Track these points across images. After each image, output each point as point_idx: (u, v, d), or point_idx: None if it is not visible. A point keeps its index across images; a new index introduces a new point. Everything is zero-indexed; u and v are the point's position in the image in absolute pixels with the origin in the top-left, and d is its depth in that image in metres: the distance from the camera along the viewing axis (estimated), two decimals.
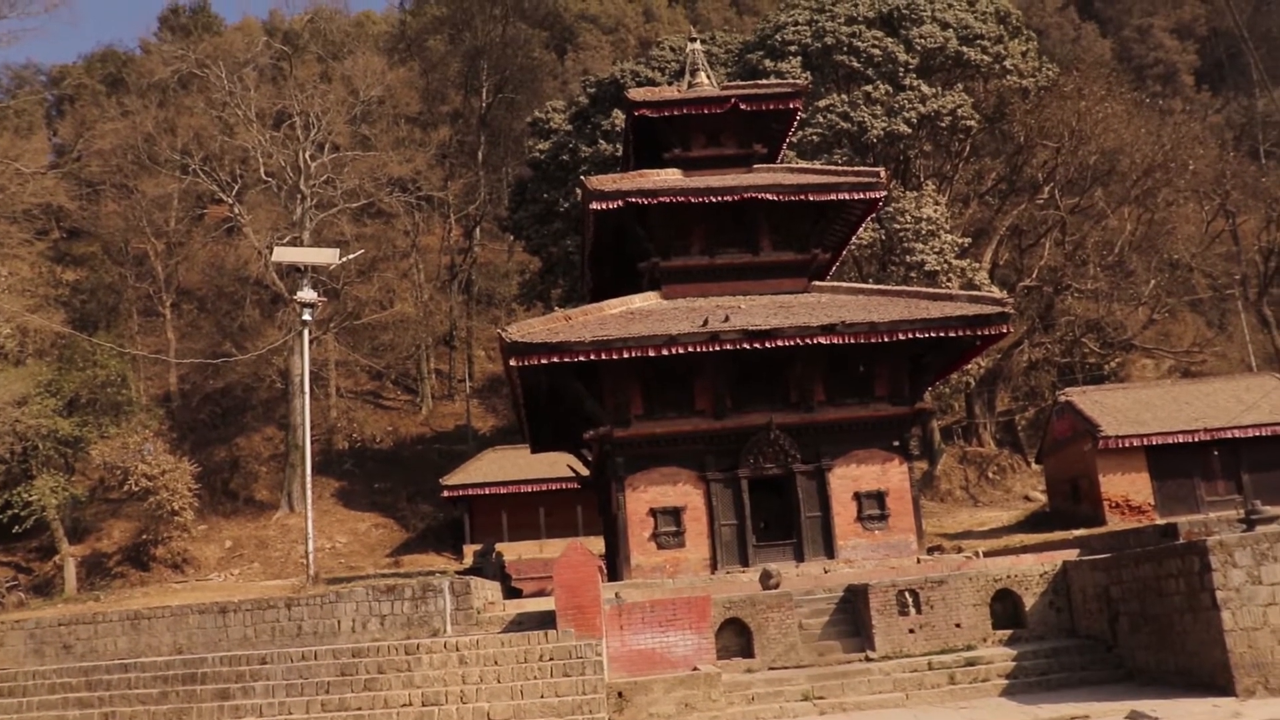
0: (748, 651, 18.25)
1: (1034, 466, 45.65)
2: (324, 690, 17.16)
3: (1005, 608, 18.70)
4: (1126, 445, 33.72)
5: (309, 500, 26.81)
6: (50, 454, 41.02)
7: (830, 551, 23.73)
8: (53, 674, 19.65)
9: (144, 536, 42.08)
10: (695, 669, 17.09)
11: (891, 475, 24.43)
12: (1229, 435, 33.69)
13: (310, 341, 30.23)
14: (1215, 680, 14.62)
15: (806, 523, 23.89)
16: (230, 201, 49.69)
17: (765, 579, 20.21)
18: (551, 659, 16.85)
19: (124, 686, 18.59)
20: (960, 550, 27.00)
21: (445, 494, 41.56)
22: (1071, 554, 20.88)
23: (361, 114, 52.91)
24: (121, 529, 44.49)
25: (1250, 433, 33.66)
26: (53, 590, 39.48)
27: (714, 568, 23.22)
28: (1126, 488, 33.82)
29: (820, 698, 16.78)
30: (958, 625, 18.34)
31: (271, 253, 34.52)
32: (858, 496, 24.16)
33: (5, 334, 40.85)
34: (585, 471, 31.18)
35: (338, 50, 66.24)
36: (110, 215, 56.73)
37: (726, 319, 23.10)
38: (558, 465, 36.69)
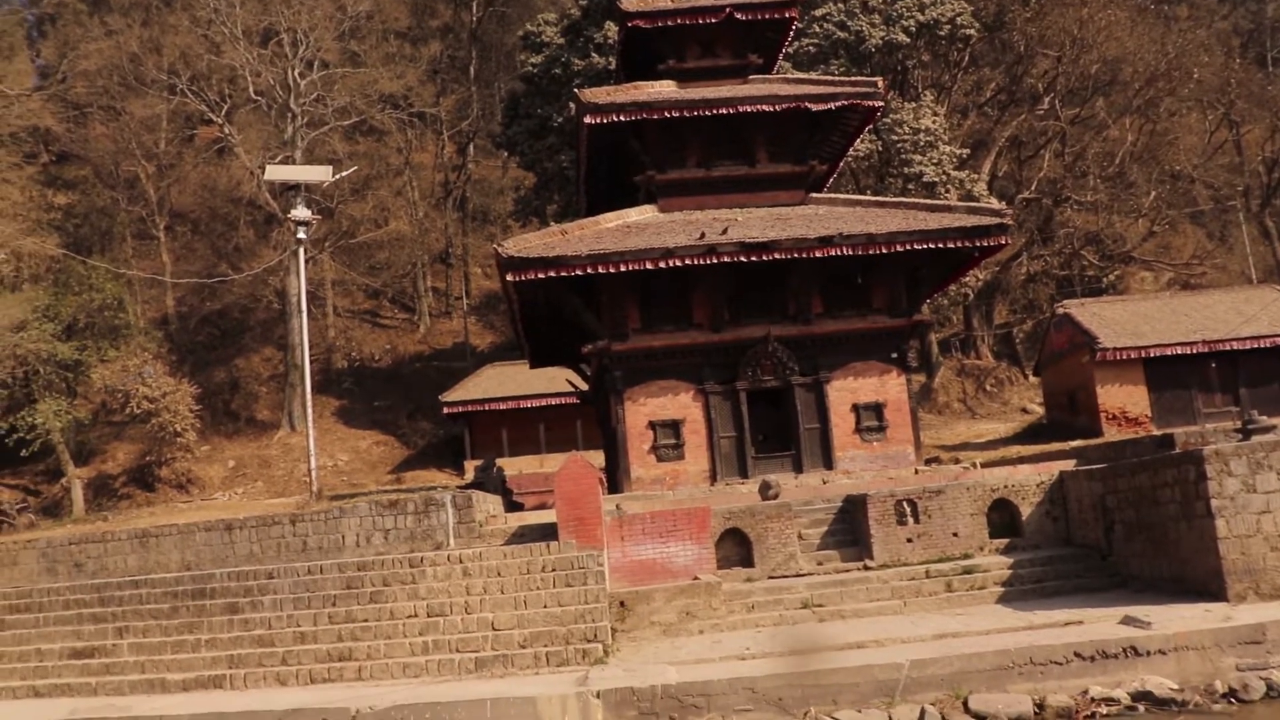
0: (748, 561, 18.49)
1: (1031, 379, 45.81)
2: (330, 603, 17.44)
3: (1002, 517, 18.93)
4: (1124, 357, 33.79)
5: (310, 419, 26.94)
6: (51, 378, 41.17)
7: (829, 463, 23.94)
8: (66, 590, 19.95)
9: (148, 458, 42.40)
10: (696, 579, 17.36)
11: (889, 387, 24.54)
12: (1227, 347, 33.70)
13: (306, 261, 30.11)
14: (1208, 587, 14.86)
15: (805, 435, 24.06)
16: (220, 121, 49.09)
17: (764, 490, 20.41)
18: (554, 570, 17.09)
19: (135, 602, 18.88)
20: (958, 461, 27.22)
21: (445, 411, 41.77)
22: (1068, 464, 21.06)
23: (350, 29, 51.95)
24: (126, 451, 44.80)
25: (1249, 345, 33.70)
26: (61, 512, 39.90)
27: (713, 480, 23.43)
28: (1124, 399, 33.97)
29: (819, 606, 17.04)
30: (955, 535, 18.57)
31: (264, 172, 34.16)
32: (856, 408, 24.29)
33: (0, 259, 40.65)
34: (584, 386, 31.30)
35: None
36: (99, 138, 56.01)
37: (724, 231, 23.01)
38: (557, 380, 36.84)
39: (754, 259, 22.74)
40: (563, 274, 22.36)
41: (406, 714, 13.09)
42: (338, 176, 31.28)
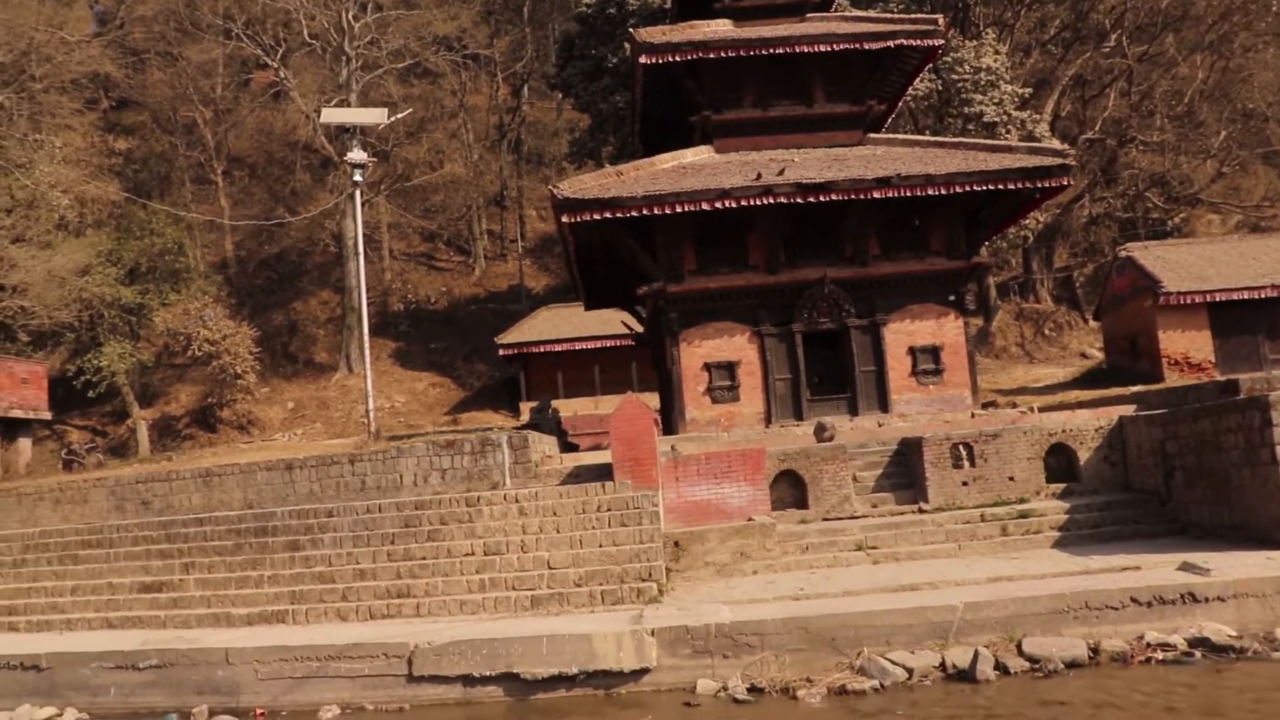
0: (802, 503, 18.50)
1: (1091, 323, 44.98)
2: (389, 541, 17.74)
3: (1059, 462, 18.73)
4: (1188, 302, 33.01)
5: (367, 361, 27.26)
6: (115, 322, 42.03)
7: (884, 406, 23.80)
8: (134, 527, 20.50)
9: (210, 400, 43.21)
10: (750, 520, 17.40)
11: (947, 330, 24.27)
12: None
13: (362, 204, 30.28)
14: (1270, 534, 14.63)
15: (861, 377, 23.92)
16: (275, 66, 49.26)
17: (820, 432, 20.36)
18: (609, 510, 17.21)
19: (200, 539, 19.36)
20: (1014, 406, 26.87)
21: (501, 353, 42.00)
22: (1128, 409, 20.74)
23: None
24: (188, 393, 45.67)
25: None
26: (127, 452, 40.85)
27: (768, 421, 23.41)
28: (1186, 345, 33.25)
29: (873, 548, 17.04)
30: (1011, 479, 18.42)
31: (319, 116, 34.29)
32: (912, 351, 24.09)
33: (64, 205, 41.32)
34: (639, 328, 31.31)
35: None
36: (157, 84, 56.52)
37: (781, 172, 22.76)
38: (612, 322, 36.88)
39: (810, 200, 22.48)
40: (618, 215, 22.27)
41: (464, 649, 13.32)
42: (393, 119, 31.29)
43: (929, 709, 11.04)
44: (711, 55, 24.05)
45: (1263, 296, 32.83)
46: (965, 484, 18.39)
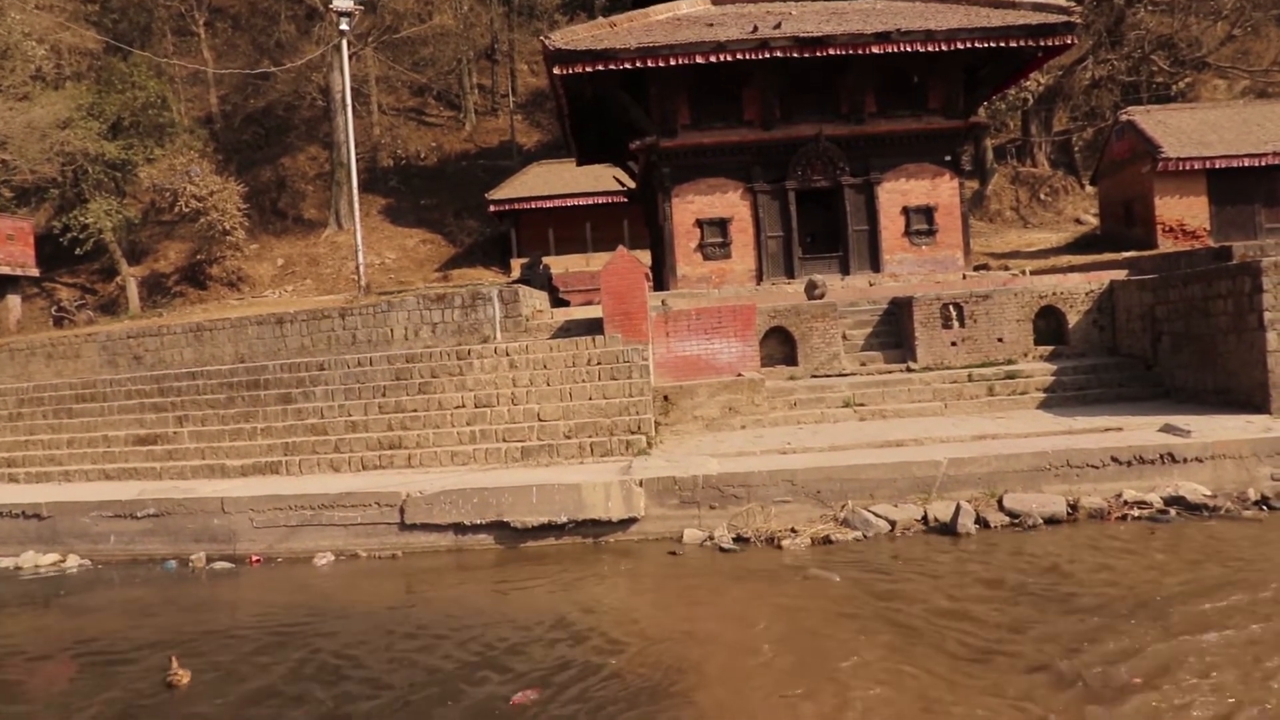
0: (791, 360, 18.61)
1: (1088, 189, 44.57)
2: (380, 394, 17.85)
3: (1048, 325, 18.81)
4: (1187, 168, 32.60)
5: (357, 217, 27.01)
6: (100, 177, 41.36)
7: (876, 265, 23.75)
8: (127, 382, 20.58)
9: (199, 257, 42.89)
10: (739, 375, 17.51)
11: (941, 190, 24.07)
12: None
13: (349, 55, 29.52)
14: (1252, 399, 14.77)
15: (853, 236, 23.81)
16: None
17: (811, 289, 20.35)
18: (599, 363, 17.28)
19: (193, 393, 19.47)
20: (1006, 269, 26.84)
21: (491, 209, 41.58)
22: (1119, 274, 20.73)
23: None
24: (177, 250, 45.32)
25: None
26: (117, 309, 40.74)
27: (759, 279, 23.38)
28: (1182, 211, 32.99)
29: (861, 405, 17.21)
30: (1000, 340, 18.52)
31: None
32: (906, 211, 23.93)
33: (40, 55, 40.23)
34: (632, 184, 31.00)
35: None
36: None
37: (777, 25, 22.20)
38: (604, 179, 36.45)
39: (808, 54, 21.98)
40: (610, 67, 21.79)
41: (455, 498, 13.52)
42: None
43: (909, 559, 11.29)
44: None
45: (1264, 164, 32.42)
46: (954, 344, 18.48)
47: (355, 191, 27.67)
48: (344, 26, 26.84)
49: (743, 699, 7.75)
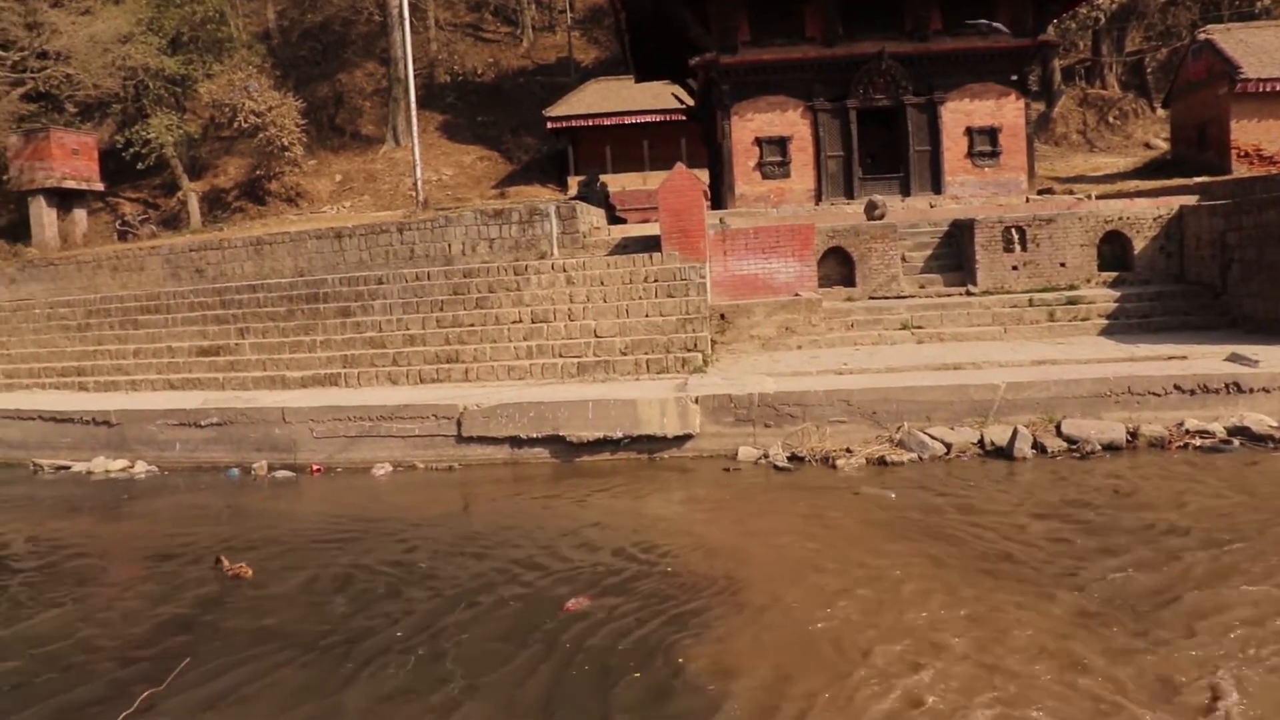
0: (849, 281, 18.42)
1: (1159, 112, 43.16)
2: (438, 308, 17.99)
3: (1114, 250, 18.38)
4: (1267, 89, 31.33)
5: (415, 133, 26.98)
6: (160, 93, 41.67)
7: (937, 187, 23.35)
8: (190, 294, 20.93)
9: (257, 172, 43.16)
10: (796, 295, 17.39)
11: (1006, 111, 23.51)
12: None
13: None
14: None
15: (915, 157, 23.39)
16: None
17: (870, 209, 20.06)
18: (656, 280, 17.25)
19: (254, 305, 19.75)
20: (1071, 193, 26.25)
21: (549, 126, 41.31)
22: (1189, 199, 20.15)
23: None
24: (236, 165, 45.63)
25: None
26: (179, 223, 41.27)
27: (818, 199, 23.10)
28: (1260, 135, 31.81)
29: (919, 327, 17.05)
30: (1062, 265, 18.16)
31: None
32: (969, 132, 23.43)
33: None
34: (690, 102, 30.61)
35: None
36: None
37: None
38: (662, 96, 35.99)
39: None
40: None
41: (511, 411, 13.65)
42: None
43: (964, 481, 11.24)
44: None
45: None
46: (1015, 268, 18.16)
47: (413, 108, 27.61)
48: None
49: (789, 598, 7.88)
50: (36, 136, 38.77)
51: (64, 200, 39.86)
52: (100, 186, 41.75)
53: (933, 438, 12.57)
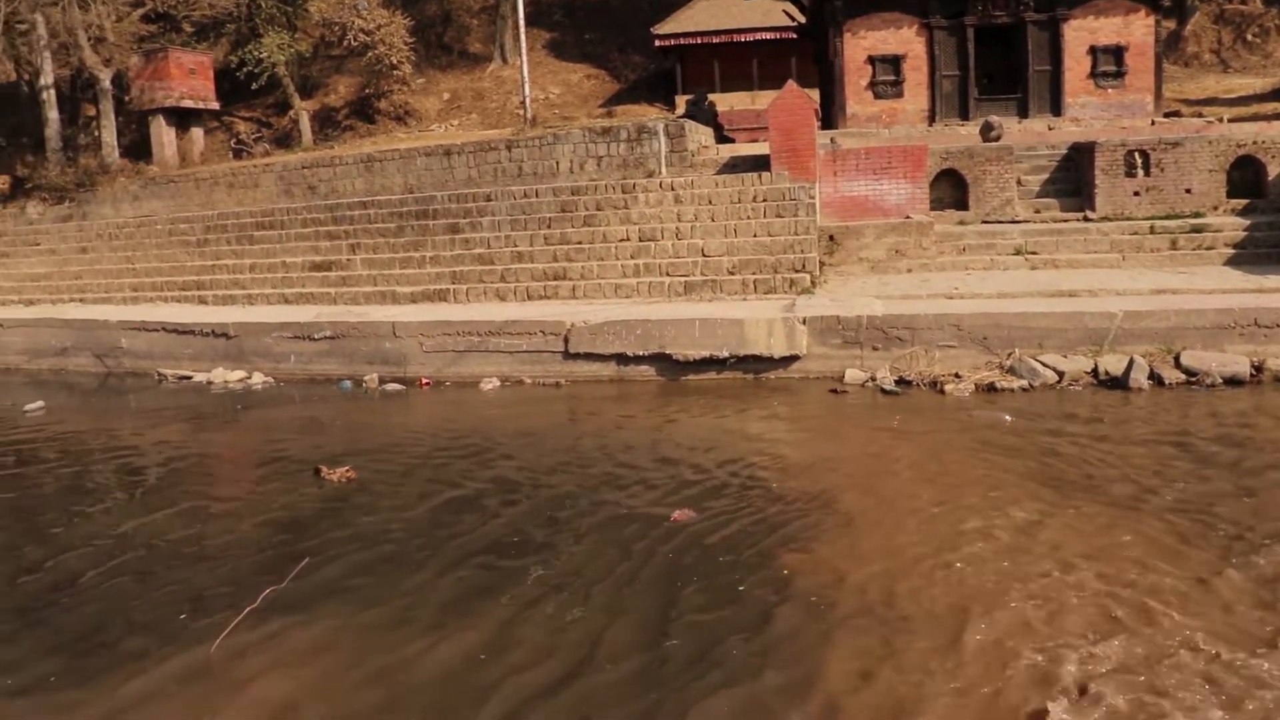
0: (961, 205, 17.99)
1: None
2: (545, 225, 18.10)
3: (1245, 176, 17.54)
4: None
5: (523, 51, 26.95)
6: (273, 12, 42.14)
7: (1057, 108, 22.53)
8: (303, 210, 21.39)
9: (367, 91, 43.53)
10: (907, 218, 17.07)
11: (1134, 28, 22.47)
12: None
13: None
14: None
15: (1034, 76, 22.57)
16: None
17: (986, 131, 19.49)
18: (764, 200, 17.08)
19: (364, 221, 20.12)
20: (1200, 115, 25.07)
21: (656, 44, 40.75)
22: None
23: None
24: (346, 84, 46.11)
25: None
26: (291, 142, 41.95)
27: (931, 120, 22.50)
28: None
29: (1033, 253, 16.61)
30: (1188, 191, 17.44)
31: None
32: (1093, 50, 22.47)
33: None
34: (801, 19, 29.91)
35: None
36: None
37: None
38: (773, 14, 35.22)
39: None
40: None
41: (618, 329, 13.76)
42: None
43: (1075, 409, 11.02)
44: None
45: None
46: (1137, 194, 17.51)
47: (521, 25, 27.53)
48: None
49: (884, 509, 8.01)
50: (155, 57, 39.60)
51: (182, 119, 40.77)
52: (216, 106, 42.58)
53: (1045, 365, 12.34)
